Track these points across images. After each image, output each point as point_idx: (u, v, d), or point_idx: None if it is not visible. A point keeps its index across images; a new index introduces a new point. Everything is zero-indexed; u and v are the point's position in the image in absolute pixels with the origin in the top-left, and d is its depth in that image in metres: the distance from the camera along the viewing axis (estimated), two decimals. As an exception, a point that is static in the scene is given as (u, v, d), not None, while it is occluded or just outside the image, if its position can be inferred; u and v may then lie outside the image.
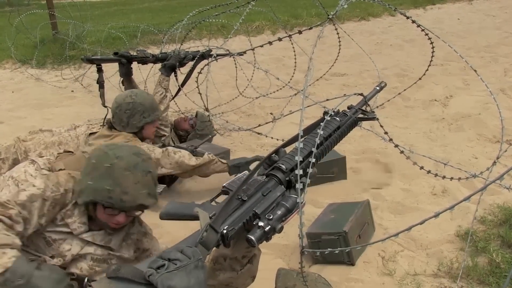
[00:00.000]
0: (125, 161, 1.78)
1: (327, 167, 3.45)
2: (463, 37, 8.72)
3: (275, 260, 2.63)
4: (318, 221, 2.78)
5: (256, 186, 1.42)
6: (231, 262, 1.50)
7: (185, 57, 3.83)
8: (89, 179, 1.78)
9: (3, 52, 7.71)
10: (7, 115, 5.24)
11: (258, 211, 1.34)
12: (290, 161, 1.48)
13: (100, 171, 1.77)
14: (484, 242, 2.62)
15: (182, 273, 1.14)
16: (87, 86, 6.01)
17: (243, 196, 1.37)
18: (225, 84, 5.96)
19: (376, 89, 1.99)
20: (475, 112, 4.84)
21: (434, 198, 3.26)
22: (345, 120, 1.73)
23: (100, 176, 1.77)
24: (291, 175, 1.46)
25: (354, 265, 2.58)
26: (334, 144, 1.69)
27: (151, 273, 1.14)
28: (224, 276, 1.52)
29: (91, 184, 1.77)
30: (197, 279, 1.16)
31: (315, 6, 10.37)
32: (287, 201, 1.36)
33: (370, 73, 6.32)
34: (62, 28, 8.00)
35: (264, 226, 1.27)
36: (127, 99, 3.05)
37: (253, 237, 1.25)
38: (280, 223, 1.31)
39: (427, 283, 2.41)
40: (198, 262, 1.18)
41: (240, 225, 1.32)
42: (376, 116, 1.83)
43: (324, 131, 1.61)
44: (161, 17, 11.33)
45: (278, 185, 1.44)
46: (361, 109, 1.83)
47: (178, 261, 1.16)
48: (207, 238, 1.25)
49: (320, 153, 1.60)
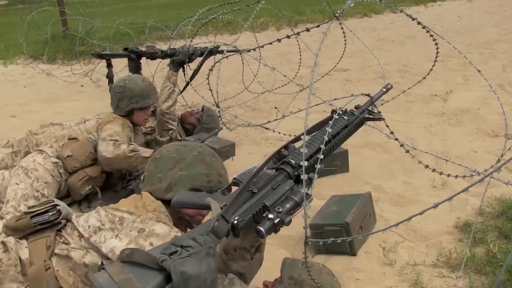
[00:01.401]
0: (207, 149, 1.86)
1: (330, 160, 3.50)
2: (463, 33, 8.76)
3: (279, 251, 2.70)
4: (321, 213, 2.82)
5: (266, 180, 1.43)
6: (241, 251, 1.55)
7: (193, 53, 3.88)
8: (178, 170, 1.80)
9: (16, 48, 7.81)
10: (19, 109, 5.32)
11: (268, 204, 1.35)
12: (299, 156, 1.51)
13: (187, 161, 1.82)
14: (482, 233, 2.67)
15: (194, 260, 1.15)
16: (96, 81, 6.08)
17: (253, 189, 1.39)
18: (231, 79, 6.02)
19: (382, 91, 2.01)
20: (475, 107, 4.92)
21: (434, 190, 3.32)
22: (352, 119, 1.76)
23: (191, 164, 1.81)
24: (300, 170, 1.46)
25: (355, 256, 2.63)
26: (342, 142, 1.72)
27: (164, 258, 1.14)
28: (237, 266, 1.57)
29: (183, 174, 1.79)
30: (208, 266, 1.17)
31: (318, 3, 10.41)
32: (295, 195, 1.38)
33: (372, 68, 6.38)
34: (72, 25, 8.06)
35: (273, 218, 1.29)
36: (120, 82, 3.17)
37: (262, 229, 1.27)
38: (289, 216, 1.33)
39: (426, 273, 2.45)
40: (209, 250, 1.19)
41: (250, 216, 1.33)
42: (382, 117, 1.86)
43: (332, 129, 1.64)
44: (168, 14, 11.39)
45: (287, 179, 1.45)
46: (368, 109, 1.86)
47: (191, 248, 1.17)
48: (218, 228, 1.26)
49: (328, 150, 1.62)
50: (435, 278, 2.42)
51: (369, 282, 2.44)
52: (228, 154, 3.67)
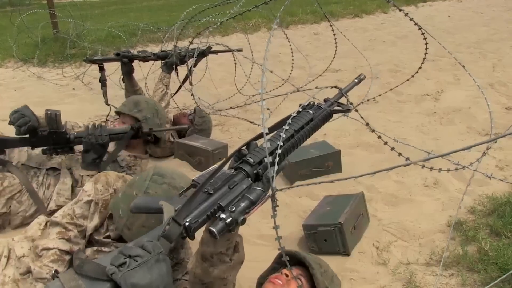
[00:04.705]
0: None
1: (323, 161, 3.51)
2: (453, 33, 8.83)
3: (272, 252, 2.64)
4: (314, 213, 2.83)
5: (224, 180, 1.41)
6: (218, 256, 1.51)
7: (185, 55, 3.89)
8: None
9: (5, 51, 7.73)
10: (9, 113, 5.26)
11: (223, 204, 1.33)
12: (258, 154, 1.49)
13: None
14: (473, 231, 2.69)
15: (143, 269, 1.16)
16: (88, 84, 6.04)
17: (209, 190, 1.37)
18: (223, 80, 6.01)
19: (354, 82, 1.98)
20: (465, 106, 4.96)
21: (427, 189, 3.34)
22: (318, 113, 1.73)
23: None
24: (259, 168, 1.45)
25: (349, 256, 2.63)
26: (308, 136, 1.69)
27: (113, 271, 1.15)
28: (217, 271, 1.53)
29: None
30: (159, 272, 1.18)
31: (310, 4, 10.46)
32: (251, 193, 1.36)
33: (364, 69, 6.39)
34: (63, 27, 8.00)
35: (225, 218, 1.28)
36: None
37: (214, 229, 1.26)
38: (243, 215, 1.31)
39: (419, 271, 2.46)
40: (159, 256, 1.20)
41: (204, 217, 1.32)
42: (350, 108, 1.82)
43: (296, 124, 1.62)
44: (160, 16, 11.36)
45: (245, 178, 1.43)
46: (337, 102, 1.82)
47: (139, 257, 1.17)
48: (169, 231, 1.27)
49: (291, 145, 1.59)
50: (428, 277, 2.43)
51: (363, 282, 2.45)
52: (221, 156, 3.68)
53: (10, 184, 2.80)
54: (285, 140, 1.56)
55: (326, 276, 2.01)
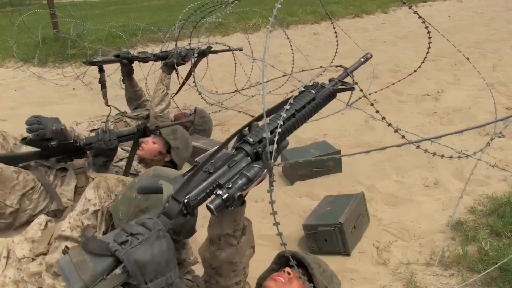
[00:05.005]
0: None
1: (323, 161, 3.51)
2: (453, 33, 8.81)
3: (272, 252, 2.67)
4: (314, 213, 2.83)
5: (224, 159, 1.44)
6: (225, 238, 1.55)
7: (186, 55, 3.89)
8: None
9: (6, 51, 7.73)
10: (10, 113, 5.27)
11: (222, 182, 1.37)
12: (258, 133, 1.50)
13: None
14: (473, 231, 2.69)
15: (145, 247, 1.22)
16: (88, 84, 6.04)
17: (210, 169, 1.40)
18: (224, 80, 6.01)
19: (360, 61, 1.96)
20: (466, 106, 4.96)
21: (427, 189, 3.34)
22: (321, 92, 1.72)
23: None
24: (259, 147, 1.47)
25: (349, 255, 2.64)
26: (309, 115, 1.68)
27: (116, 248, 1.22)
28: (225, 254, 1.58)
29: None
30: (160, 249, 1.24)
31: (310, 4, 10.46)
32: (249, 170, 1.39)
33: (364, 68, 6.29)
34: (63, 27, 8.01)
35: (222, 194, 1.31)
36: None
37: (211, 205, 1.30)
38: (240, 191, 1.34)
39: (420, 271, 2.47)
40: (159, 233, 1.25)
41: (203, 195, 1.35)
42: (353, 86, 1.81)
43: (297, 104, 1.62)
44: (160, 16, 11.37)
45: (245, 157, 1.45)
46: (341, 81, 1.80)
47: (140, 235, 1.23)
48: (169, 209, 1.31)
49: (292, 124, 1.58)
50: (428, 277, 2.43)
51: (363, 282, 2.46)
52: (222, 156, 3.67)
53: (24, 179, 2.85)
54: (286, 119, 1.56)
55: (325, 275, 2.01)
